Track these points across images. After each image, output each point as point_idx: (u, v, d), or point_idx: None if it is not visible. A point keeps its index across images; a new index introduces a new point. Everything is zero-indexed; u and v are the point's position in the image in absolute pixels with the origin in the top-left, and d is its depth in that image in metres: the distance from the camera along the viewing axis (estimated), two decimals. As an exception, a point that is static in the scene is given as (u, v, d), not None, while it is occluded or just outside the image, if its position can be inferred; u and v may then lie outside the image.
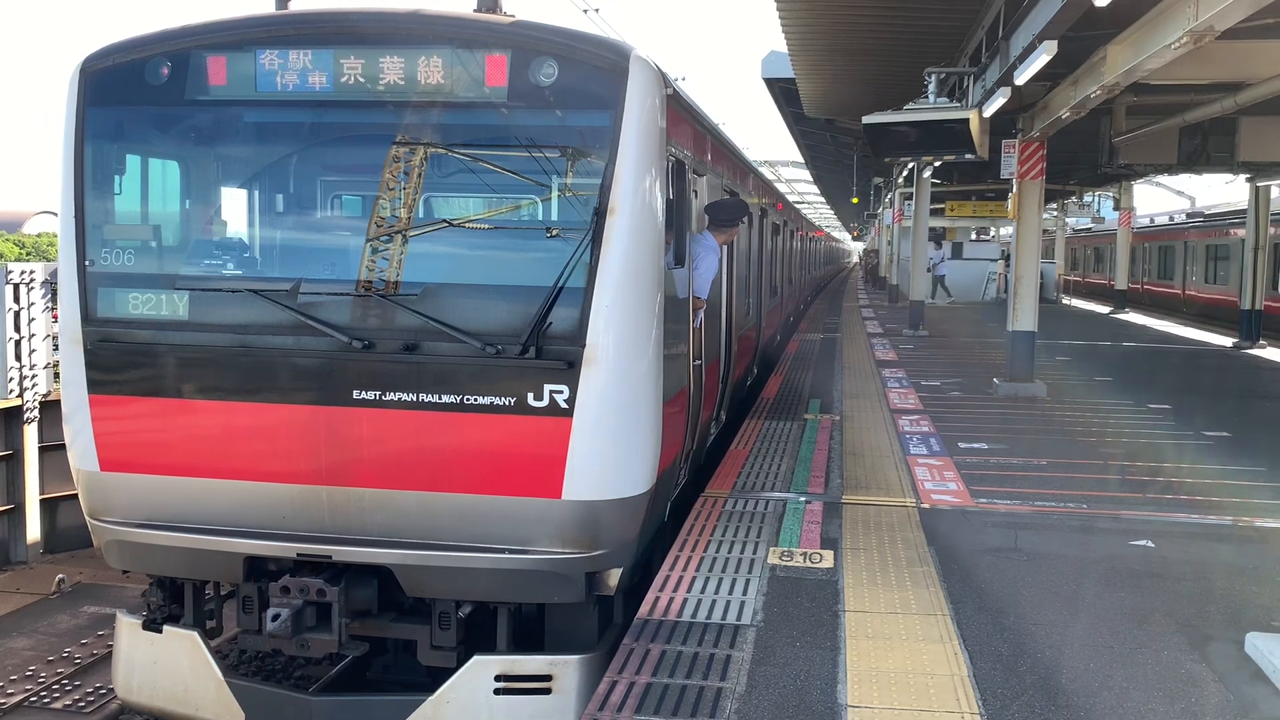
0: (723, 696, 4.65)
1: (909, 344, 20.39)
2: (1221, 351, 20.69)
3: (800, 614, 5.63)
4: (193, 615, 6.56)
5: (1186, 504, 8.13)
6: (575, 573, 5.80)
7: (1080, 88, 10.93)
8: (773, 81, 23.35)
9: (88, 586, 10.85)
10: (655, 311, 5.92)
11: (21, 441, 11.72)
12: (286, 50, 5.87)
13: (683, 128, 6.96)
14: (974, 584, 6.17)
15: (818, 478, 8.68)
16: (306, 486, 5.90)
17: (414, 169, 5.94)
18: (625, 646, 5.18)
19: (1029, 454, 9.83)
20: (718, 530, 7.11)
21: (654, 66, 5.90)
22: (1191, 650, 5.26)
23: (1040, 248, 14.54)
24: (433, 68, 5.76)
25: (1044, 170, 13.72)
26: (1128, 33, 9.29)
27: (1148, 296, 36.96)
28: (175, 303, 6.06)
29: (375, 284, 5.86)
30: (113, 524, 6.23)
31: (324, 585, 5.78)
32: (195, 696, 6.31)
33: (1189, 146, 17.58)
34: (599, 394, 5.64)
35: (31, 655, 9.15)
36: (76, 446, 6.24)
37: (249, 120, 6.28)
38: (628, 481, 5.85)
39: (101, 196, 6.24)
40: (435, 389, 5.74)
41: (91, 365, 6.14)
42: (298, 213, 6.57)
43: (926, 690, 4.73)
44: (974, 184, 31.01)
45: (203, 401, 6.02)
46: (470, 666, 5.86)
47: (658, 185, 5.92)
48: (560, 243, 5.73)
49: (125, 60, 6.14)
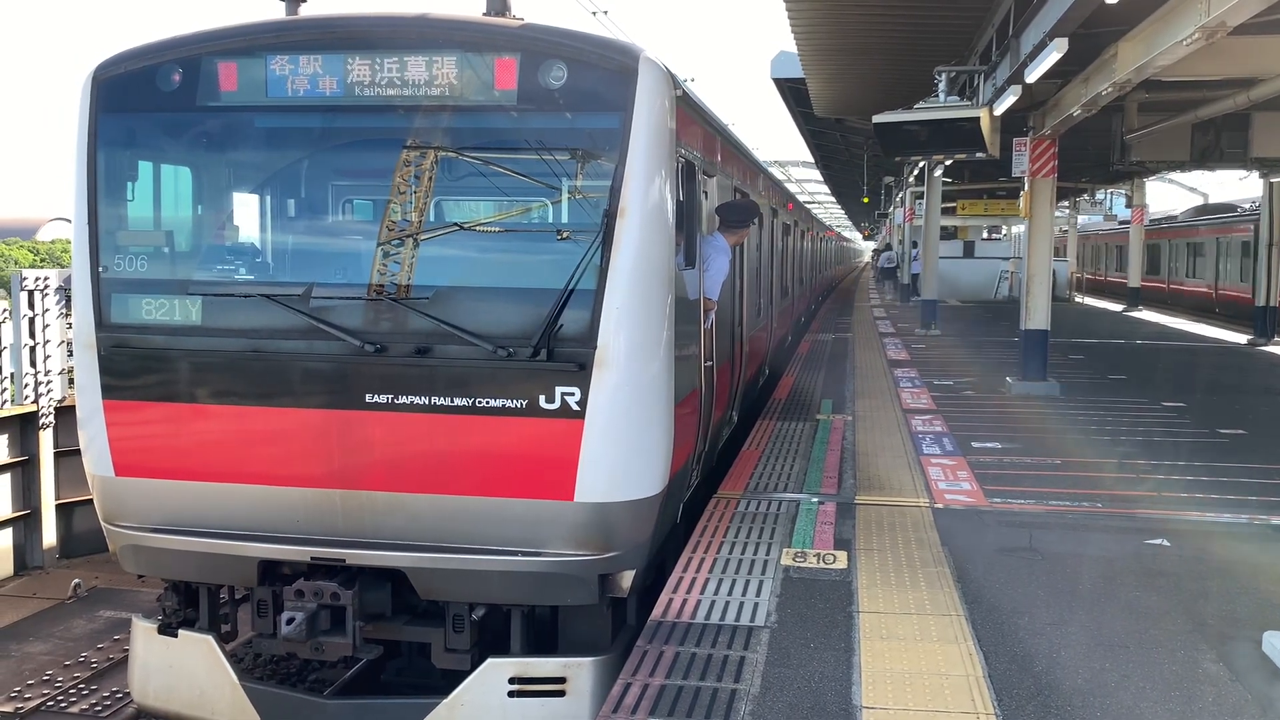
0: (737, 698, 4.64)
1: (921, 343, 20.33)
2: (1236, 349, 20.57)
3: (814, 615, 5.62)
4: (208, 619, 6.58)
5: (1202, 502, 8.08)
6: (588, 575, 5.80)
7: (1091, 85, 10.88)
8: (782, 81, 23.32)
9: (103, 591, 10.89)
10: (666, 313, 5.92)
11: (37, 447, 11.77)
12: (297, 55, 5.89)
13: (692, 129, 6.95)
14: (988, 584, 6.15)
15: (830, 478, 8.66)
16: (320, 490, 5.92)
17: (424, 173, 5.96)
18: (639, 648, 5.18)
19: (1043, 453, 9.79)
20: (730, 531, 7.10)
21: (663, 68, 5.89)
22: (1208, 649, 5.23)
23: (1052, 246, 14.48)
24: (443, 71, 5.76)
25: (1056, 168, 13.66)
26: (1139, 29, 9.25)
27: (1172, 296, 34.76)
28: (188, 308, 6.09)
29: (387, 288, 5.87)
30: (128, 529, 6.26)
31: (338, 589, 5.79)
32: (211, 700, 6.33)
33: (1202, 143, 17.51)
34: (611, 396, 5.63)
35: (48, 660, 9.19)
36: (91, 452, 6.27)
37: (260, 125, 6.30)
38: (640, 483, 5.85)
39: (114, 203, 6.27)
40: (447, 392, 5.75)
41: (106, 371, 6.16)
42: (309, 217, 6.59)
43: (941, 691, 4.71)
44: (985, 182, 30.93)
45: (216, 406, 6.04)
46: (484, 669, 5.87)
47: (668, 186, 5.91)
48: (571, 245, 5.73)
49: (137, 67, 6.16)
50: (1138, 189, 32.39)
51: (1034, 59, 9.82)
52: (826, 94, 19.60)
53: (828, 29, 14.03)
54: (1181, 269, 35.36)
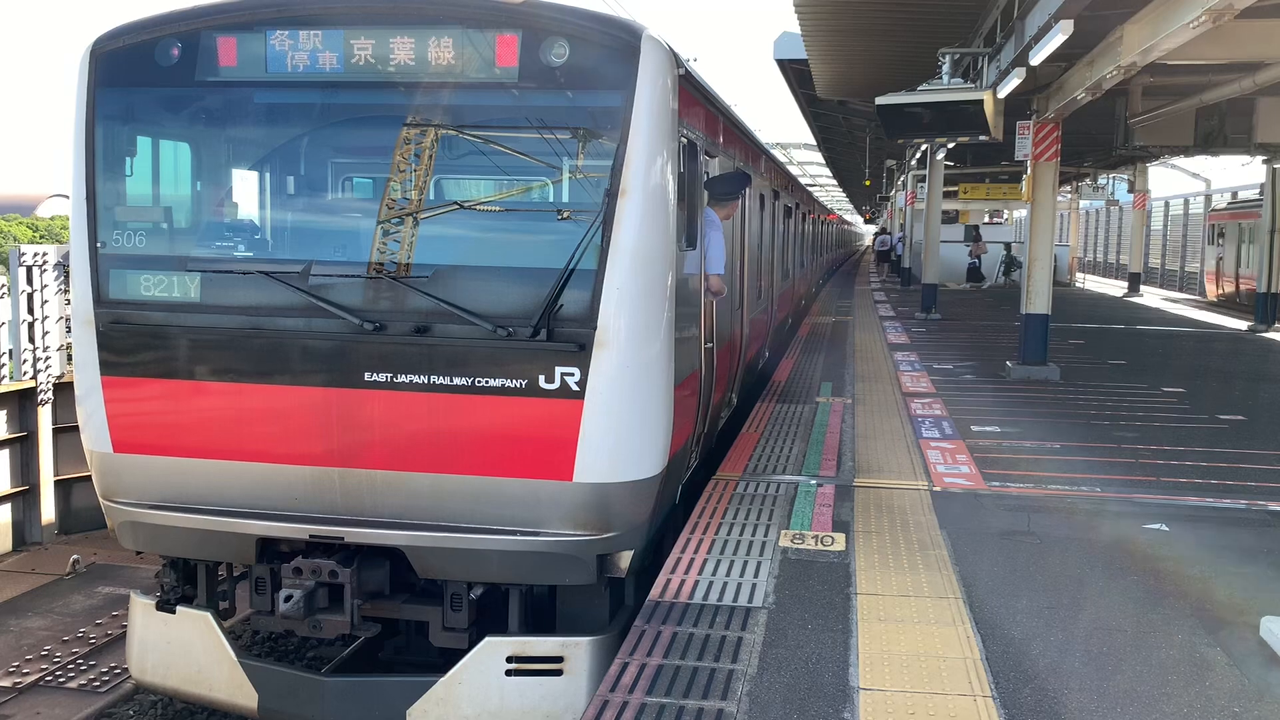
0: (734, 678, 4.65)
1: (921, 327, 20.32)
2: (1237, 335, 20.57)
3: (812, 596, 5.62)
4: (206, 596, 6.60)
5: (1200, 487, 8.09)
6: (587, 555, 5.80)
7: (1096, 68, 10.82)
8: (785, 63, 23.19)
9: (102, 567, 10.92)
10: (667, 294, 5.90)
11: (35, 423, 11.78)
12: (297, 30, 5.84)
13: (695, 109, 6.91)
14: (986, 567, 6.16)
15: (829, 461, 8.66)
16: (318, 468, 5.91)
17: (425, 150, 5.92)
18: (637, 628, 5.19)
19: (1042, 437, 9.78)
20: (729, 513, 7.10)
21: (666, 46, 5.85)
22: (1206, 634, 5.23)
23: (1055, 230, 14.45)
24: (443, 48, 5.72)
25: (1059, 152, 13.59)
26: (1145, 11, 9.19)
27: (1248, 296, 25.78)
28: (187, 284, 6.06)
29: (386, 266, 5.84)
30: (126, 505, 6.26)
31: (336, 566, 5.80)
32: (208, 677, 6.35)
33: (1205, 128, 17.47)
34: (610, 376, 5.62)
35: (47, 635, 9.22)
36: (90, 428, 6.26)
37: (260, 101, 6.25)
38: (639, 464, 5.84)
39: (113, 178, 6.23)
40: (446, 371, 5.73)
41: (104, 347, 6.15)
42: (309, 194, 6.56)
43: (939, 673, 4.72)
44: (988, 166, 30.87)
45: (215, 383, 6.02)
46: (482, 648, 5.88)
47: (670, 166, 5.88)
48: (571, 225, 5.70)
49: (135, 41, 6.12)
50: (1140, 174, 32.31)
51: (1039, 41, 9.77)
52: (829, 75, 19.51)
53: (831, 10, 13.95)
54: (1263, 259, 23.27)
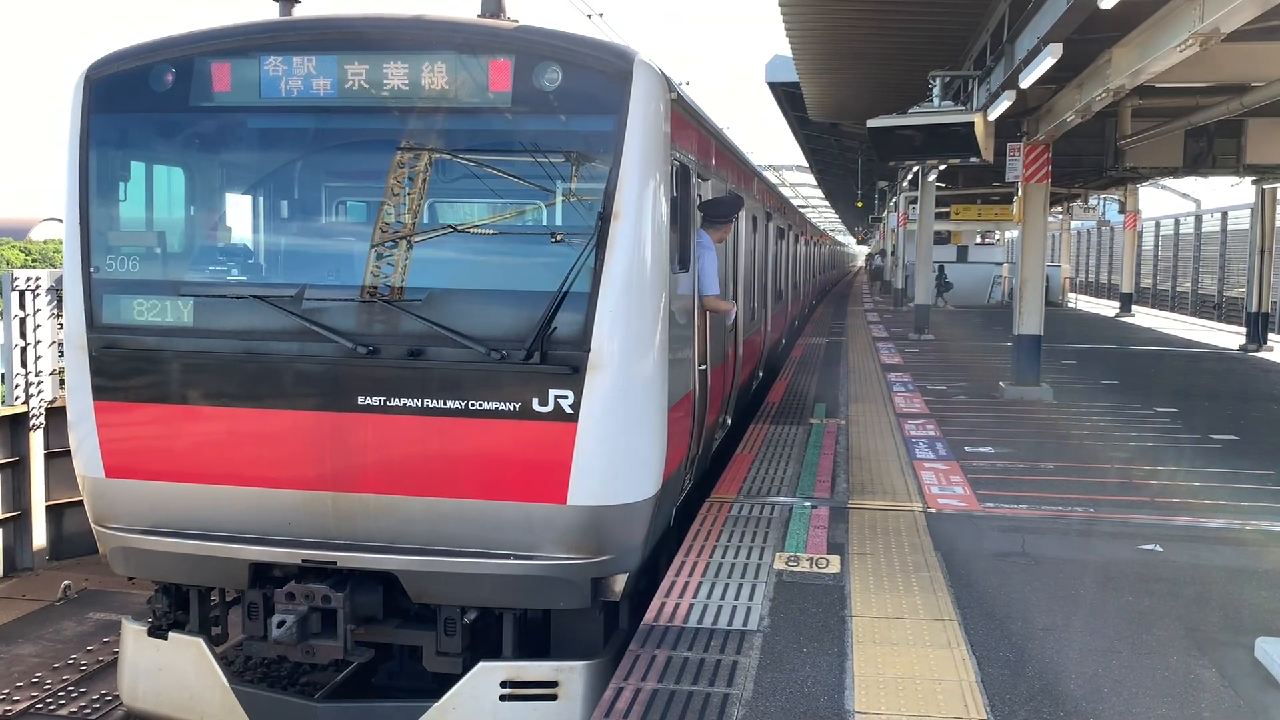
0: (729, 703, 4.63)
1: (914, 348, 20.35)
2: (1228, 355, 20.63)
3: (807, 620, 5.61)
4: (198, 622, 6.56)
5: (1194, 508, 8.08)
6: (580, 578, 5.78)
7: (1085, 90, 10.90)
8: (777, 86, 23.37)
9: (93, 593, 10.85)
10: (660, 316, 5.91)
11: (27, 448, 11.73)
12: (290, 56, 5.87)
13: (687, 132, 6.94)
14: (981, 589, 6.14)
15: (824, 482, 8.65)
16: (311, 492, 5.90)
17: (418, 174, 5.94)
18: (631, 652, 5.16)
19: (1035, 458, 9.79)
20: (724, 535, 7.08)
21: (658, 71, 5.89)
22: (1200, 655, 5.23)
23: (1046, 251, 14.51)
24: (437, 73, 5.75)
25: (1050, 173, 13.67)
26: (1133, 35, 9.26)
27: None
28: (180, 309, 6.06)
29: (380, 290, 5.85)
30: (118, 530, 6.23)
31: (329, 591, 5.77)
32: (201, 703, 6.30)
33: (1195, 149, 17.58)
34: (604, 399, 5.62)
35: (38, 662, 9.15)
36: (82, 453, 6.24)
37: (253, 126, 6.28)
38: (633, 487, 5.84)
39: (106, 203, 6.24)
40: (440, 395, 5.73)
41: (96, 371, 6.14)
42: (302, 219, 6.57)
43: (934, 695, 4.70)
44: (979, 187, 30.98)
45: (207, 408, 6.02)
46: (476, 673, 5.85)
47: (662, 190, 5.91)
48: (564, 248, 5.72)
49: (129, 67, 6.14)
50: (1131, 195, 32.48)
51: (1028, 64, 9.83)
52: (821, 98, 19.64)
53: (823, 34, 14.05)
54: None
